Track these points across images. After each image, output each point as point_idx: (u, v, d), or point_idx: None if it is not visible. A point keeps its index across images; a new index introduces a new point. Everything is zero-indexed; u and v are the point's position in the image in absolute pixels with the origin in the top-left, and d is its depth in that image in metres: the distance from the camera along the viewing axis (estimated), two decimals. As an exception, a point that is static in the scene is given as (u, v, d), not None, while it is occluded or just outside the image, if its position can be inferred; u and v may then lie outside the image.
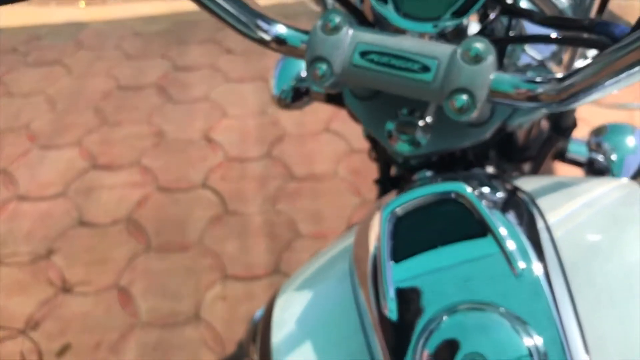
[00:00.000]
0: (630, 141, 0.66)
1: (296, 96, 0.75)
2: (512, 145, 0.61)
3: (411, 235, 0.41)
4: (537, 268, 0.38)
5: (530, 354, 0.35)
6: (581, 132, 0.69)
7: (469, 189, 0.41)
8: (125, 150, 1.80)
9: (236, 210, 1.60)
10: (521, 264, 0.38)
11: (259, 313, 0.76)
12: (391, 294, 0.39)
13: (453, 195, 0.41)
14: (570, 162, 0.67)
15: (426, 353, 0.36)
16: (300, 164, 1.71)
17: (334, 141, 1.79)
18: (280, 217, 1.56)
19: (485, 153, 0.62)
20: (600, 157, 0.65)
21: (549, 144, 0.59)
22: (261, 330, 0.50)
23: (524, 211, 0.44)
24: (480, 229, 0.40)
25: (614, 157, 0.65)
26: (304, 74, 0.75)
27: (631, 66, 0.31)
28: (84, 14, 2.50)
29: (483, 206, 0.40)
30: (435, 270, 0.39)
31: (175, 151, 1.79)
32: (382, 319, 0.38)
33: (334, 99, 0.73)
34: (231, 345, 1.30)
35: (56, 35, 2.37)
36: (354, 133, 1.79)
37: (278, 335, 0.47)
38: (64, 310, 1.39)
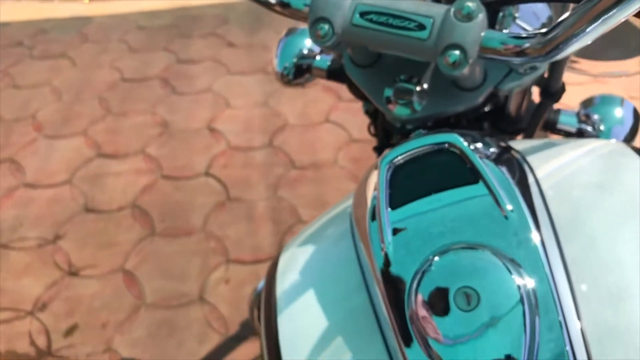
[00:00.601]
0: (618, 112, 0.69)
1: (298, 73, 0.78)
2: (504, 117, 0.64)
3: (407, 184, 0.44)
4: (525, 211, 0.40)
5: (519, 288, 0.37)
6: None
7: (462, 140, 0.44)
8: (129, 139, 1.83)
9: (239, 197, 1.64)
10: (509, 206, 0.40)
11: (261, 284, 0.79)
12: (389, 238, 0.42)
13: (447, 146, 0.44)
14: (561, 133, 0.70)
15: (421, 291, 0.39)
16: (301, 152, 1.75)
17: (335, 131, 1.83)
18: (282, 203, 1.60)
19: (479, 124, 0.66)
20: (589, 128, 0.69)
21: (539, 112, 0.62)
22: (265, 286, 0.53)
23: (514, 166, 0.47)
24: (472, 176, 0.42)
25: (602, 127, 0.68)
26: (305, 51, 0.78)
27: (605, 12, 0.35)
28: (88, 9, 2.54)
29: (475, 155, 0.43)
30: (428, 215, 0.42)
31: (179, 140, 1.82)
32: (381, 266, 0.41)
33: (334, 75, 0.77)
34: (235, 325, 1.34)
35: (61, 29, 2.41)
36: (354, 123, 1.83)
37: (282, 290, 0.49)
38: (71, 293, 1.42)
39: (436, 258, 0.39)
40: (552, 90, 0.58)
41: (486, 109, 0.59)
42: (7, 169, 1.75)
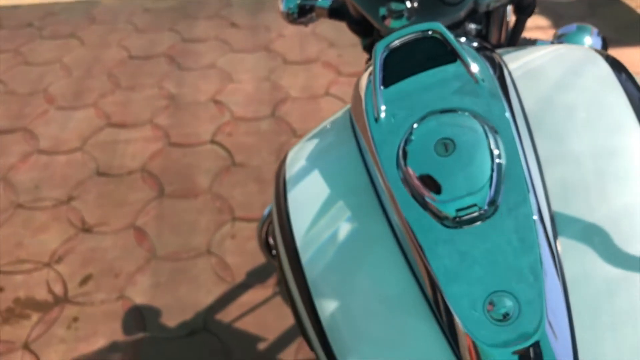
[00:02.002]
0: (587, 40, 0.77)
1: (301, 12, 0.86)
2: (487, 34, 0.72)
3: (397, 67, 0.52)
4: (496, 82, 0.48)
5: (488, 140, 0.44)
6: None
7: (444, 27, 0.52)
8: (138, 110, 1.91)
9: (243, 162, 1.72)
10: (482, 78, 0.48)
11: (266, 211, 0.86)
12: (382, 112, 0.50)
13: (431, 33, 0.52)
14: None
15: (408, 149, 0.46)
16: (303, 122, 1.83)
17: (334, 103, 1.91)
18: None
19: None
20: None
21: (517, 28, 0.70)
22: (275, 191, 0.59)
23: (491, 58, 0.55)
24: (451, 56, 0.51)
25: None
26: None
27: None
28: (95, -7, 2.62)
29: (453, 39, 0.51)
30: (414, 90, 0.50)
31: (186, 112, 1.90)
32: (375, 137, 0.47)
33: (336, 13, 0.85)
34: (241, 274, 1.41)
35: (70, 12, 2.49)
36: (353, 95, 1.91)
37: (292, 189, 0.56)
38: (84, 247, 1.50)
39: (419, 122, 0.46)
40: (524, 4, 0.66)
41: (471, 26, 0.68)
42: (22, 137, 1.83)
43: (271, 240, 0.87)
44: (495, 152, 0.43)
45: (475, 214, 0.42)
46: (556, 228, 0.42)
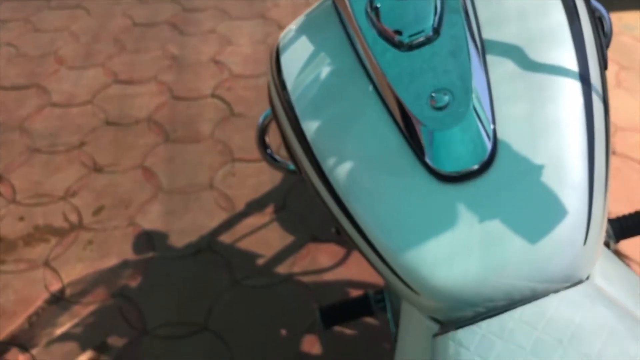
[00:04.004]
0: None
1: None
2: None
3: None
4: None
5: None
6: None
7: None
8: (143, 69, 2.05)
9: (242, 113, 1.85)
10: None
11: (263, 116, 0.99)
12: None
13: None
14: None
15: (380, 20, 0.59)
16: (297, 78, 1.96)
17: (327, 62, 2.04)
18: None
19: None
20: None
21: None
22: (269, 64, 0.71)
23: None
24: None
25: None
26: None
27: None
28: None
29: None
30: None
31: (187, 70, 2.04)
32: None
33: None
34: (240, 205, 1.55)
35: (75, -14, 2.62)
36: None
37: (286, 65, 0.69)
38: (96, 184, 1.63)
39: None
40: None
41: None
42: (35, 93, 1.96)
43: (267, 139, 1.00)
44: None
45: (423, 39, 0.55)
46: (484, 47, 0.55)
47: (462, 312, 0.48)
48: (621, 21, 2.17)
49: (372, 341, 1.23)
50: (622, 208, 1.44)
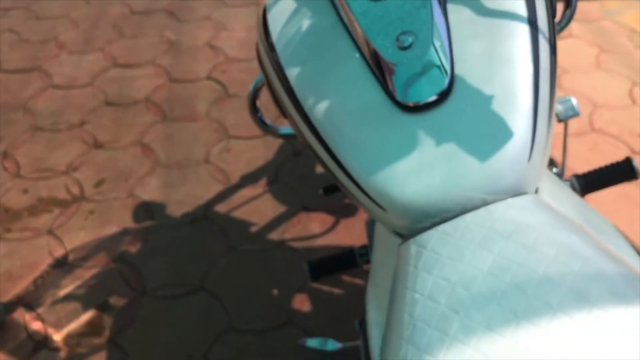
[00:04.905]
0: None
1: None
2: None
3: None
4: None
5: None
6: None
7: None
8: (141, 54, 2.12)
9: (237, 93, 1.92)
10: None
11: (253, 85, 1.07)
12: None
13: None
14: None
15: None
16: (290, 61, 2.04)
17: (318, 46, 2.12)
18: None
19: None
20: None
21: None
22: (259, 28, 0.79)
23: None
24: None
25: None
26: None
27: None
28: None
29: None
30: None
31: (184, 54, 2.11)
32: None
33: None
34: (235, 178, 1.62)
35: (74, -24, 2.69)
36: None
37: (273, 25, 0.77)
38: (97, 159, 1.70)
39: None
40: None
41: None
42: (38, 76, 2.03)
43: (258, 103, 1.07)
44: None
45: None
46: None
47: (423, 224, 0.56)
48: (603, 8, 2.25)
49: (357, 299, 1.30)
50: (597, 177, 1.51)
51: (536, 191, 0.60)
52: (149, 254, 1.44)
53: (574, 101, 0.97)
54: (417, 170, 0.56)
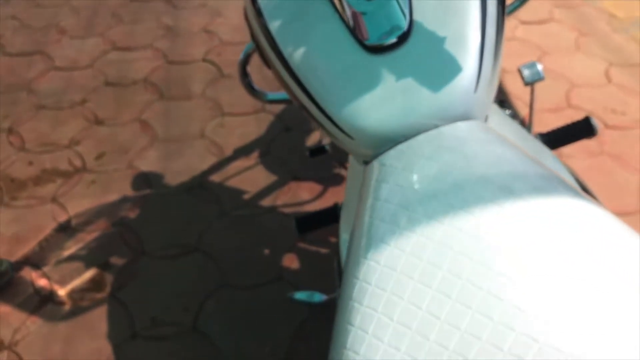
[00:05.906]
0: None
1: None
2: None
3: None
4: None
5: None
6: None
7: None
8: (139, 38, 2.21)
9: (230, 74, 2.01)
10: None
11: (243, 53, 1.15)
12: None
13: None
14: None
15: None
16: (282, 44, 2.13)
17: (310, 31, 2.21)
18: (268, 77, 1.97)
19: None
20: None
21: None
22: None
23: None
24: None
25: None
26: None
27: None
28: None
29: None
30: None
31: (180, 39, 2.20)
32: None
33: None
34: (228, 151, 1.71)
35: (75, -33, 2.78)
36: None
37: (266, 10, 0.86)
38: (98, 134, 1.79)
39: None
40: None
41: None
42: (40, 59, 2.11)
43: (248, 69, 1.16)
44: None
45: None
46: None
47: (384, 149, 0.65)
48: (583, -6, 2.35)
49: (344, 257, 1.39)
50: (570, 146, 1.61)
51: (485, 120, 0.70)
52: (148, 219, 1.52)
53: (539, 66, 1.06)
54: (379, 102, 0.65)
